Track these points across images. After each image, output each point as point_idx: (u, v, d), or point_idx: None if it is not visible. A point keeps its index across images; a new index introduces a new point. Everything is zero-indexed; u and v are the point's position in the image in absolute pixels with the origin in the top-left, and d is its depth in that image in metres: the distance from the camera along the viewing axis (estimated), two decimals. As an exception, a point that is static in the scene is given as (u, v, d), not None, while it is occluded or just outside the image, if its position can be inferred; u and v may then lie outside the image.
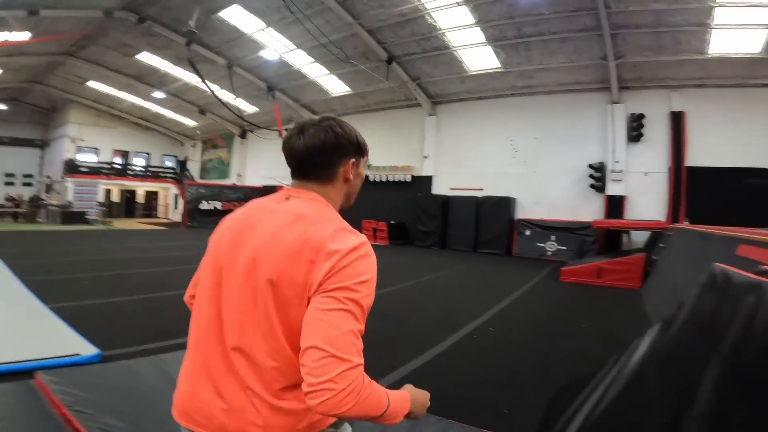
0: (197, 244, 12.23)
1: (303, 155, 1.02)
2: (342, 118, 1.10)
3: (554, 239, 12.64)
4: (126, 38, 15.60)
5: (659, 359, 2.16)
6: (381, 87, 15.87)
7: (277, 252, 0.91)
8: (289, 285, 0.88)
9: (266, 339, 0.90)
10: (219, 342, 0.95)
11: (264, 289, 0.90)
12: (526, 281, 8.63)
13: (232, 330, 0.93)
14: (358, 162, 1.11)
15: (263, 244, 0.94)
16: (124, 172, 27.76)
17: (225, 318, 0.95)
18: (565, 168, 13.30)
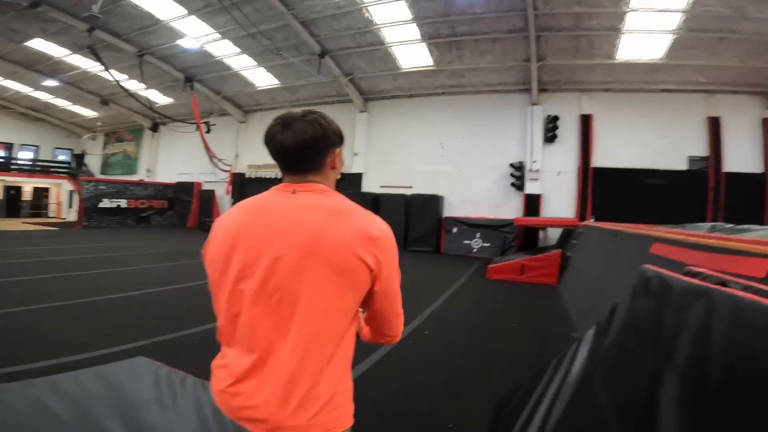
0: (93, 246, 10.79)
1: (292, 150, 1.07)
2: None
3: (479, 236, 13.16)
4: (15, 24, 13.34)
5: (602, 368, 2.14)
6: (312, 81, 15.34)
7: (335, 242, 0.99)
8: (351, 269, 0.99)
9: (327, 321, 1.02)
10: (275, 331, 1.01)
11: (330, 275, 0.98)
12: (455, 279, 8.80)
13: (293, 317, 0.99)
14: (341, 150, 1.20)
15: (313, 238, 0.99)
16: (6, 167, 23.94)
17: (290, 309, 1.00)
18: (488, 167, 13.90)
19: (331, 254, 0.99)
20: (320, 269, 0.98)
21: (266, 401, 0.98)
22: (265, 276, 1.00)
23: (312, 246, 0.99)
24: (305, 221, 1.02)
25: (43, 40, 14.39)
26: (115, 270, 8.10)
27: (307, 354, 0.98)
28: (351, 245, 1.00)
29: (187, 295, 6.37)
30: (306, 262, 0.99)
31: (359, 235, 1.02)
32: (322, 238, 1.00)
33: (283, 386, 0.97)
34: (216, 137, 19.12)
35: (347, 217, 1.05)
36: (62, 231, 16.25)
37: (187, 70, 16.06)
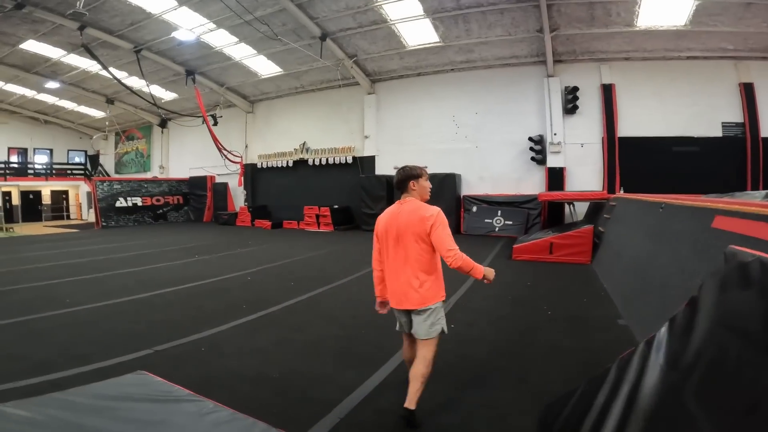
0: (108, 247, 10.62)
1: (399, 183, 2.73)
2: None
3: (501, 214, 12.61)
4: (3, 26, 13.15)
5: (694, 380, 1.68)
6: (315, 66, 14.80)
7: (411, 223, 2.58)
8: (419, 232, 2.56)
9: (419, 255, 2.59)
10: (402, 263, 2.62)
11: (412, 237, 2.58)
12: (480, 261, 8.31)
13: (396, 256, 2.65)
14: (417, 180, 2.70)
15: (405, 218, 2.61)
16: (23, 172, 24.25)
17: (402, 254, 2.62)
18: (506, 142, 13.24)
19: (412, 228, 2.57)
20: (411, 234, 2.57)
21: (405, 289, 2.62)
22: (399, 237, 2.61)
23: (407, 225, 2.58)
24: (405, 215, 2.61)
25: (35, 41, 14.18)
26: (127, 271, 7.91)
27: (414, 266, 2.59)
28: (418, 224, 2.55)
29: (198, 294, 6.12)
30: (406, 232, 2.58)
31: (421, 219, 2.55)
32: (410, 222, 2.58)
33: (408, 280, 2.60)
34: (224, 129, 18.80)
35: (417, 211, 2.59)
36: (81, 233, 16.33)
37: (187, 63, 15.67)
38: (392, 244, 2.65)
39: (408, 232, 2.57)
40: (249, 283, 6.80)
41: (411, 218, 2.57)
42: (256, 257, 9.37)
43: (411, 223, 2.56)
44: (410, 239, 2.57)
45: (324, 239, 12.60)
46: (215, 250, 10.54)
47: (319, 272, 7.62)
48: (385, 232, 2.69)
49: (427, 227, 2.52)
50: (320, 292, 6.18)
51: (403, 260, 2.61)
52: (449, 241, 2.51)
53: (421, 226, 2.54)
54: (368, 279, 6.89)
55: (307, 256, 9.51)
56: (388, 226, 2.67)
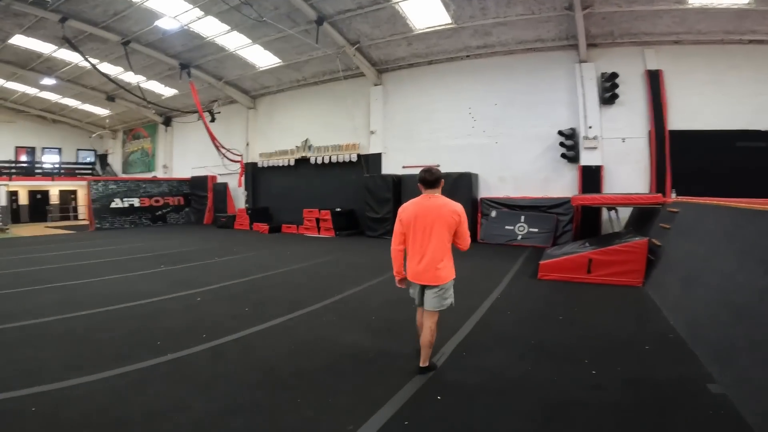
0: (82, 252, 9.29)
1: (432, 182, 3.22)
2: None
3: (524, 220, 10.81)
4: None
5: None
6: (315, 56, 13.40)
7: (443, 214, 3.13)
8: (450, 224, 3.13)
9: (437, 241, 3.13)
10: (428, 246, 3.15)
11: (441, 227, 3.12)
12: (496, 281, 6.65)
13: (433, 241, 3.14)
14: (443, 180, 3.34)
15: (435, 211, 3.13)
16: (31, 171, 23.82)
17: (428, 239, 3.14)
18: (531, 137, 11.45)
19: (444, 219, 3.13)
20: (441, 224, 3.13)
21: (427, 268, 3.17)
22: (426, 225, 3.14)
23: (438, 217, 3.13)
24: (436, 208, 3.15)
25: (23, 36, 13.43)
26: (63, 284, 6.58)
27: (437, 250, 3.15)
28: (450, 215, 3.13)
29: (114, 321, 4.77)
30: (437, 222, 3.12)
31: (452, 211, 3.15)
32: (441, 214, 3.13)
33: (431, 262, 3.16)
34: (225, 127, 17.66)
35: (448, 206, 3.16)
36: (73, 235, 15.39)
37: (180, 55, 14.51)
38: (420, 230, 3.17)
39: (440, 222, 3.13)
40: (192, 307, 5.31)
41: (443, 211, 3.14)
42: (230, 269, 7.92)
43: (443, 215, 3.14)
44: (442, 228, 3.14)
45: (321, 247, 11.08)
46: (191, 258, 9.18)
47: (291, 293, 6.08)
48: (415, 219, 3.17)
49: (458, 220, 3.17)
50: (272, 325, 4.62)
51: (429, 244, 3.16)
52: (468, 234, 3.29)
53: (453, 219, 3.15)
54: (348, 304, 5.19)
55: (291, 268, 7.99)
56: (417, 215, 3.17)
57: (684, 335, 3.98)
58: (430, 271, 3.14)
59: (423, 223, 3.12)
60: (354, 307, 5.33)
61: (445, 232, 3.11)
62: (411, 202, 3.23)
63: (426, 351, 3.26)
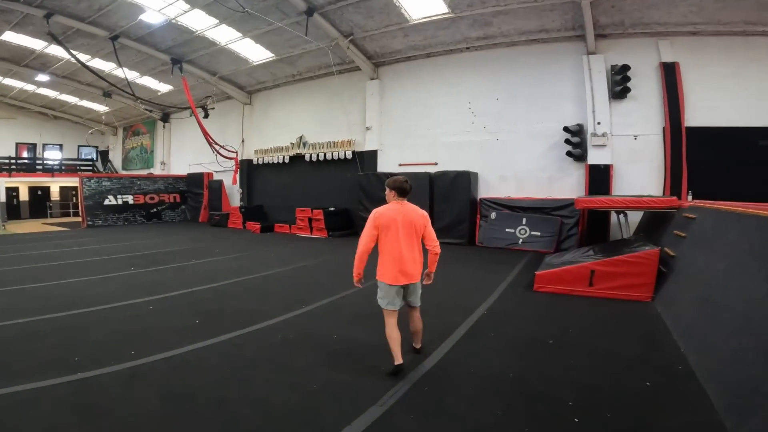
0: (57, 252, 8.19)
1: (407, 191, 3.44)
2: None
3: (526, 223, 10.07)
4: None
5: None
6: (309, 49, 12.80)
7: (416, 218, 3.39)
8: (419, 227, 3.40)
9: (416, 243, 3.42)
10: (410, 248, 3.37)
11: (419, 230, 3.41)
12: (487, 293, 5.96)
13: (407, 243, 3.35)
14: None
15: (410, 216, 3.37)
16: (32, 168, 23.64)
17: (414, 242, 3.40)
18: (535, 133, 10.70)
19: (415, 223, 3.38)
20: (419, 227, 3.40)
21: (416, 268, 3.42)
22: (411, 230, 3.37)
23: (411, 220, 3.36)
24: (412, 212, 3.40)
25: (12, 32, 13.12)
26: (47, 284, 6.07)
27: (419, 251, 3.46)
28: (420, 219, 3.41)
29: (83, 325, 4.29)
30: (415, 225, 3.38)
31: (421, 215, 3.44)
32: (416, 218, 3.39)
33: (419, 262, 3.46)
34: (221, 123, 17.19)
35: (417, 210, 3.45)
36: (66, 232, 15.03)
37: (171, 50, 14.01)
38: (406, 234, 3.36)
39: (416, 226, 3.40)
40: (138, 318, 4.73)
41: (415, 215, 3.42)
42: (202, 274, 7.35)
43: (416, 219, 3.41)
44: (416, 231, 3.41)
45: (308, 249, 10.48)
46: (166, 260, 8.65)
47: (255, 302, 5.47)
48: (392, 223, 3.34)
49: (424, 223, 3.46)
50: (217, 342, 4.02)
51: (409, 247, 3.38)
52: (435, 235, 3.54)
53: (421, 222, 3.43)
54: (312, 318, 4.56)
55: (268, 273, 7.39)
56: (398, 220, 3.35)
57: (695, 367, 3.28)
58: (414, 269, 3.42)
59: (407, 227, 3.37)
60: (318, 322, 4.70)
61: (419, 234, 3.45)
62: (387, 208, 3.41)
63: (420, 335, 3.78)
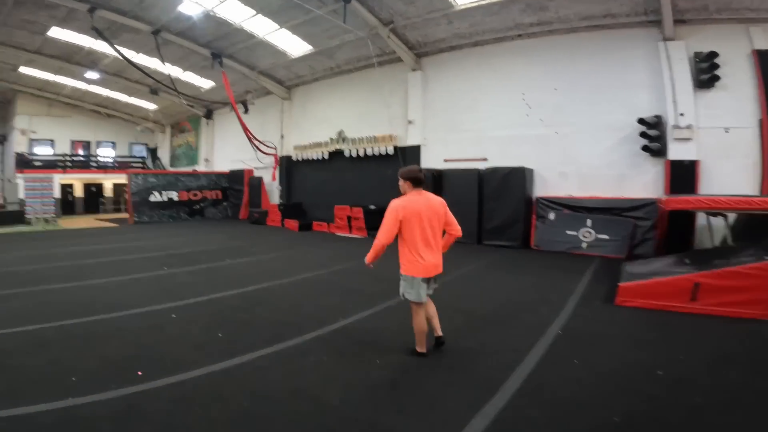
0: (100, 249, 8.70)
1: (423, 181, 3.43)
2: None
3: (591, 225, 8.90)
4: (22, 14, 12.51)
5: None
6: (347, 40, 12.20)
7: (438, 206, 3.42)
8: (442, 215, 3.44)
9: (440, 232, 3.46)
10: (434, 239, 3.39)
11: (441, 219, 3.44)
12: (556, 307, 5.02)
13: (432, 233, 3.36)
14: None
15: (432, 205, 3.39)
16: (87, 165, 24.72)
17: (437, 233, 3.42)
18: (601, 125, 9.47)
19: (438, 212, 3.41)
20: (441, 217, 3.44)
21: (439, 259, 3.45)
22: (434, 220, 3.37)
23: (435, 210, 3.39)
24: (432, 202, 3.41)
25: (59, 28, 13.48)
26: (76, 285, 5.80)
27: (440, 241, 3.47)
28: (441, 206, 3.45)
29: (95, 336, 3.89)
30: (437, 215, 3.40)
31: (440, 203, 3.47)
32: (437, 207, 3.41)
33: (439, 253, 3.45)
34: (260, 119, 17.01)
35: (435, 198, 3.47)
36: (113, 229, 15.31)
37: (210, 44, 13.88)
38: (429, 226, 3.33)
39: (438, 215, 3.40)
40: (157, 328, 4.22)
41: (437, 203, 3.43)
42: (233, 276, 6.86)
43: (438, 208, 3.42)
44: (439, 221, 3.41)
45: (347, 249, 9.83)
46: (201, 260, 8.27)
47: (286, 313, 4.82)
48: (420, 215, 3.30)
49: (445, 210, 3.47)
50: (239, 364, 3.38)
51: (436, 237, 3.38)
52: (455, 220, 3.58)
53: (443, 210, 3.46)
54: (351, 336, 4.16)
55: (303, 277, 6.76)
56: (423, 212, 3.32)
57: None
58: (439, 261, 3.46)
59: (430, 218, 3.34)
60: (358, 340, 3.97)
61: (441, 223, 3.45)
62: (408, 200, 3.34)
63: (437, 320, 3.71)
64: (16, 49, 15.05)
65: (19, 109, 22.05)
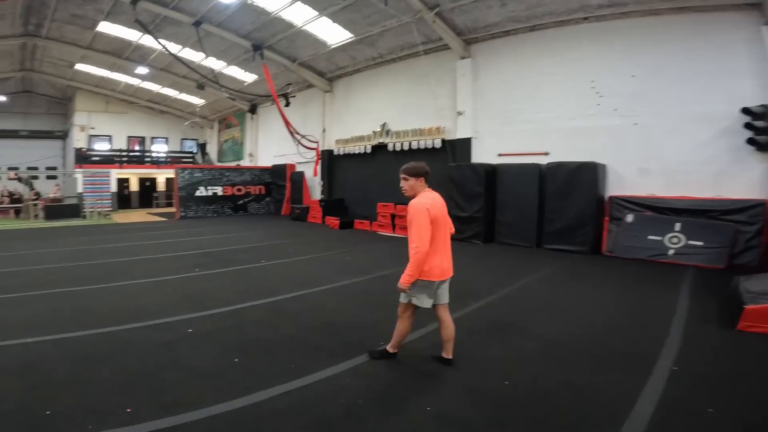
0: (155, 245, 8.63)
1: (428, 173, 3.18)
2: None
3: (680, 229, 7.49)
4: (70, 8, 12.74)
5: None
6: (390, 26, 11.34)
7: (444, 204, 3.19)
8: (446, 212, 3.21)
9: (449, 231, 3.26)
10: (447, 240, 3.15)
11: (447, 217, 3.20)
12: (659, 331, 3.96)
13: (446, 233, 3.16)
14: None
15: (443, 203, 3.18)
16: (141, 160, 25.64)
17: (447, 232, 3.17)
18: (694, 116, 7.96)
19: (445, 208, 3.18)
20: (447, 215, 3.19)
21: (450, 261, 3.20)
22: (446, 219, 3.16)
23: (444, 206, 3.18)
24: (440, 198, 3.18)
25: (108, 23, 13.64)
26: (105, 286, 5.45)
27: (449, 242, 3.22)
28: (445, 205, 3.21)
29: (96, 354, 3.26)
30: (446, 213, 3.19)
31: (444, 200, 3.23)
32: (443, 203, 3.18)
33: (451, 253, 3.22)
34: (302, 113, 16.57)
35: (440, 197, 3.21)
36: (161, 224, 15.48)
37: (251, 35, 13.49)
38: (443, 225, 3.11)
39: (446, 214, 3.17)
40: (169, 345, 3.61)
41: (442, 203, 3.18)
42: (265, 281, 6.28)
43: (444, 207, 3.17)
44: (447, 220, 3.18)
45: (390, 251, 8.98)
46: (236, 260, 7.79)
47: (317, 333, 4.06)
48: (442, 214, 3.10)
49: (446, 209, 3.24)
50: (252, 404, 2.64)
51: (446, 238, 3.14)
52: None
53: (446, 209, 3.22)
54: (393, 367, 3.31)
55: (340, 285, 5.99)
56: (442, 211, 3.12)
57: None
58: (451, 262, 3.24)
59: (446, 216, 3.19)
60: (404, 375, 3.12)
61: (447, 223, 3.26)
62: (430, 198, 3.11)
63: (452, 343, 3.29)
64: (69, 45, 15.53)
65: (79, 106, 23.15)
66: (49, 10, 12.80)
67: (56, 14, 13.13)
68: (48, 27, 14.14)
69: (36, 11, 13.01)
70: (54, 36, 15.02)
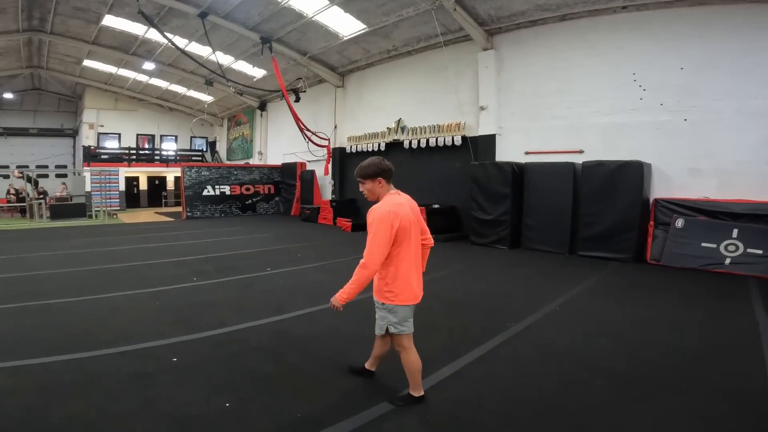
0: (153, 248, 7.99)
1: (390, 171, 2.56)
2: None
3: (738, 236, 6.61)
4: (74, 1, 12.27)
5: None
6: (406, 15, 10.59)
7: (417, 209, 2.52)
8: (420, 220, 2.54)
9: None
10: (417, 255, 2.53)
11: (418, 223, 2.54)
12: (749, 353, 3.20)
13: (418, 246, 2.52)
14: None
15: (415, 208, 2.51)
16: (151, 158, 25.25)
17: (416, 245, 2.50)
18: (752, 112, 7.05)
19: (418, 214, 2.53)
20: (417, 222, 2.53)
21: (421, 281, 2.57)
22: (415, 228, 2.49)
23: (418, 215, 2.52)
24: (413, 205, 2.55)
25: (112, 16, 13.15)
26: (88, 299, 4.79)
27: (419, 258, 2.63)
28: (418, 210, 2.53)
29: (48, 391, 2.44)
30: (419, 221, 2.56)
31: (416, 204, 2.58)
32: (415, 208, 2.52)
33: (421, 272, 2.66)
34: (313, 109, 15.90)
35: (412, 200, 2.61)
36: (166, 224, 14.94)
37: (259, 28, 12.81)
38: (414, 236, 2.51)
39: (418, 222, 2.55)
40: (143, 380, 2.88)
41: (415, 206, 2.58)
42: (268, 293, 5.59)
43: (417, 212, 2.57)
44: (418, 229, 2.57)
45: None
46: (239, 267, 7.12)
47: (329, 361, 3.34)
48: (409, 223, 2.45)
49: (420, 215, 2.60)
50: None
51: (416, 252, 2.54)
52: None
53: (420, 214, 2.59)
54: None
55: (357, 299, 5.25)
56: (409, 218, 2.46)
57: None
58: (421, 283, 2.64)
59: (417, 225, 2.57)
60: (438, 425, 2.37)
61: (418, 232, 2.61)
62: (397, 204, 2.46)
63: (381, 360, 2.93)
64: (75, 39, 15.10)
65: (88, 104, 22.85)
66: (52, 4, 12.35)
67: (59, 7, 12.67)
68: (52, 21, 13.71)
69: (39, 5, 12.57)
70: (59, 31, 14.59)
